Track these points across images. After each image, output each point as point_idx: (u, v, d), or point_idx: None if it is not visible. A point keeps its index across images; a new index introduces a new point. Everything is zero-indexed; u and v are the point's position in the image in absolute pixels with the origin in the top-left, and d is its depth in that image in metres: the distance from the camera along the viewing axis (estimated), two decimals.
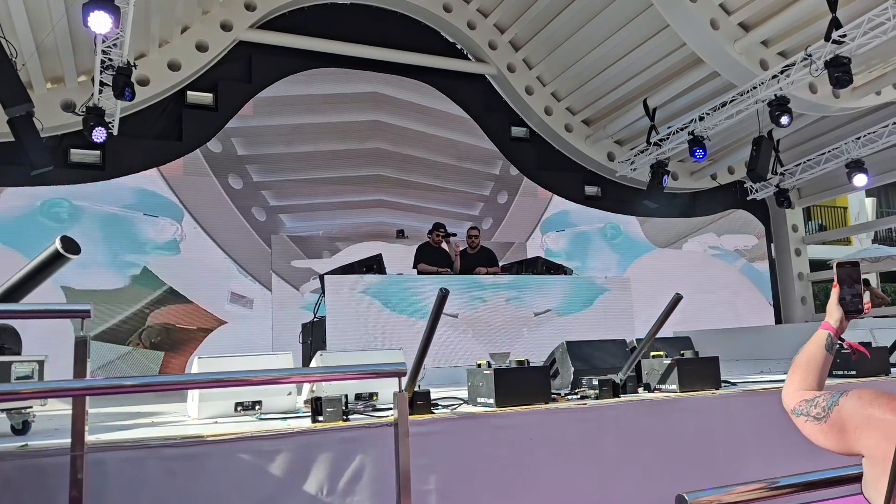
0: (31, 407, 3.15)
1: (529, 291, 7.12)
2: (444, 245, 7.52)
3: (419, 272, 7.25)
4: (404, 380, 2.74)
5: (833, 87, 7.98)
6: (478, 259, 7.65)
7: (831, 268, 1.67)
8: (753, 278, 12.59)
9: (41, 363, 3.15)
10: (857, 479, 1.54)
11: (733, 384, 4.34)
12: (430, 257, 7.46)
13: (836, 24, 7.54)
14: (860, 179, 10.65)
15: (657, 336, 4.05)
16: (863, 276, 1.63)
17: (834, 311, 1.59)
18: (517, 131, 11.20)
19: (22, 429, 3.12)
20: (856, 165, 10.60)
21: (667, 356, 4.14)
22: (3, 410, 3.06)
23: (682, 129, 9.90)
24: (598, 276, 8.02)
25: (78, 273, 7.91)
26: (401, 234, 9.79)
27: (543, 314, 7.10)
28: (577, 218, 11.38)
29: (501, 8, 10.41)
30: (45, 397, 2.84)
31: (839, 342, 1.59)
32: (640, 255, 11.39)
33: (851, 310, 1.59)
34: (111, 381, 2.05)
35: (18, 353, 3.33)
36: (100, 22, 6.07)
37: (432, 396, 3.44)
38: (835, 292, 1.60)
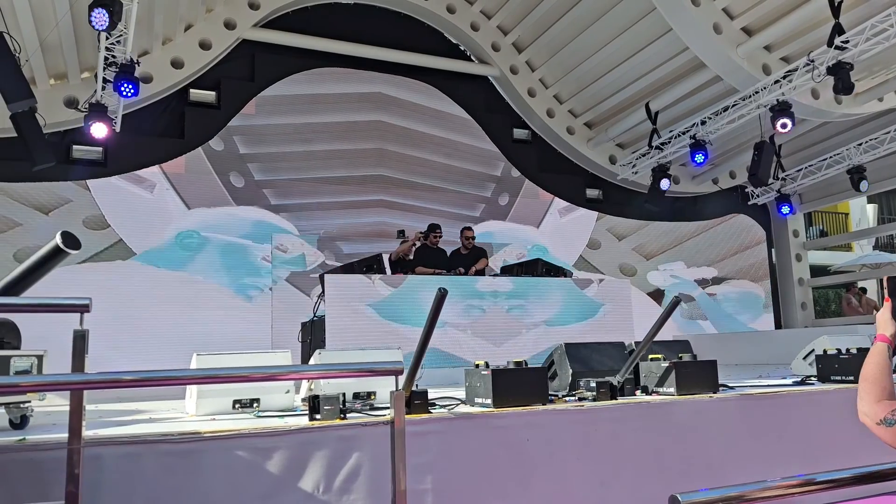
0: (29, 401, 3.16)
1: (528, 294, 7.11)
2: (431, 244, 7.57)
3: (416, 273, 7.26)
4: (401, 379, 2.74)
5: (835, 93, 7.98)
6: (469, 259, 7.66)
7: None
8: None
9: (40, 358, 3.16)
10: (854, 481, 1.54)
11: (731, 388, 4.35)
12: (427, 258, 7.46)
13: (838, 29, 7.54)
14: (862, 186, 10.65)
15: (655, 339, 4.06)
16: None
17: (889, 325, 1.65)
18: (519, 133, 11.20)
19: (20, 423, 3.13)
20: (857, 171, 10.60)
21: (665, 359, 4.15)
22: (1, 405, 3.07)
23: (683, 133, 9.90)
24: (596, 278, 7.98)
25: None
26: (401, 234, 9.78)
27: (539, 316, 7.10)
28: None
29: (505, 10, 10.42)
30: (42, 390, 2.85)
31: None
32: None
33: None
34: (109, 376, 2.06)
35: (18, 348, 3.34)
36: (103, 19, 6.08)
37: (430, 396, 3.44)
38: (887, 306, 1.66)
